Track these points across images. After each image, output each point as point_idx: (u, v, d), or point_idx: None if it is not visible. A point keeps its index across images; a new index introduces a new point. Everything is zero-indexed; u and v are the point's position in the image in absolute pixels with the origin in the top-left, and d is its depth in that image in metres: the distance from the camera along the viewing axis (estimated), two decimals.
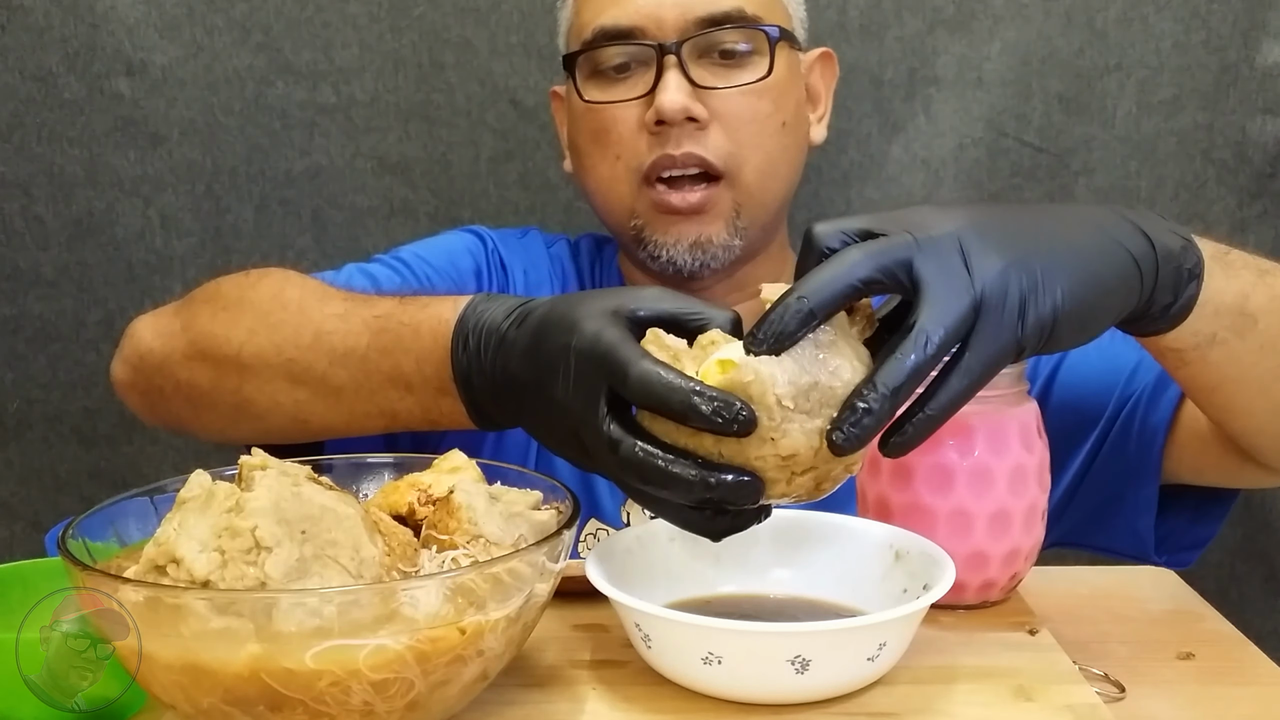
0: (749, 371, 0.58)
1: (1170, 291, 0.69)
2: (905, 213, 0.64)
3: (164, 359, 0.89)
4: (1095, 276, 0.64)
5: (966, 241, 0.61)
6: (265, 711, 0.54)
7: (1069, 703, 0.62)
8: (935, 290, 0.59)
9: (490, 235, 1.13)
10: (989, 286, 0.60)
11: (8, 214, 1.36)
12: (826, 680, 0.61)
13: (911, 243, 0.61)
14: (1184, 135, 1.32)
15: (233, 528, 0.55)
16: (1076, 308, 0.63)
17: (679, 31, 0.98)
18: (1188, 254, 0.69)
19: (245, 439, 0.88)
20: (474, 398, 0.74)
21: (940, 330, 0.58)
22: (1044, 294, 0.61)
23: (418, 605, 0.54)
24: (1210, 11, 1.30)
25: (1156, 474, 0.93)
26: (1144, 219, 0.68)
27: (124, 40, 1.33)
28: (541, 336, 0.67)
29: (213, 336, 0.85)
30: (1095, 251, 0.65)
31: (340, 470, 0.71)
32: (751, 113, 1.00)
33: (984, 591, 0.75)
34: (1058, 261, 0.62)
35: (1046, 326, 0.62)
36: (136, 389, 0.93)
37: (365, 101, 1.35)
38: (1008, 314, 0.60)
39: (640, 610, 0.62)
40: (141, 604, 0.53)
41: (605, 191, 1.04)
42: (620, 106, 1.00)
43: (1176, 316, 0.71)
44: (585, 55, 1.02)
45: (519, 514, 0.64)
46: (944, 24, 1.32)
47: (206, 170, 1.36)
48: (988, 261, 0.60)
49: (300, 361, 0.81)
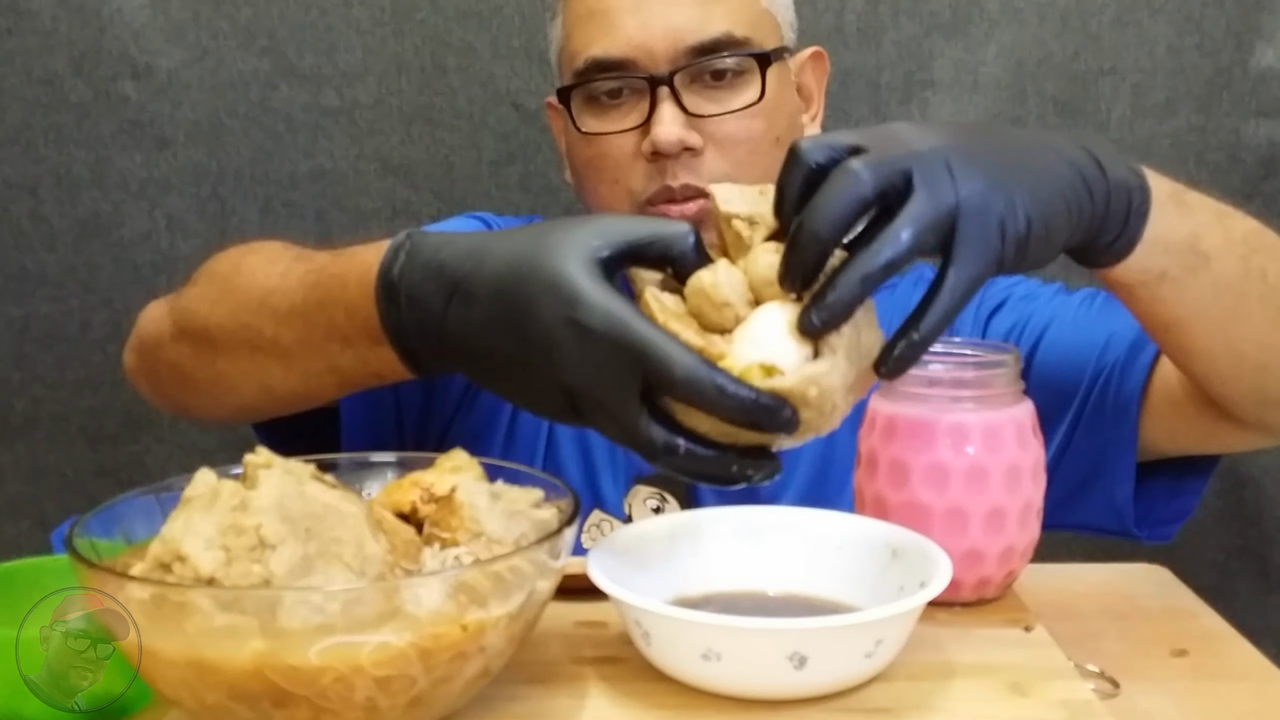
0: (809, 385, 0.58)
1: (1118, 223, 0.71)
2: (886, 129, 0.65)
3: (156, 341, 0.90)
4: (1059, 197, 0.66)
5: (952, 158, 0.62)
6: (269, 708, 0.54)
7: (1064, 699, 0.63)
8: (922, 193, 0.61)
9: (495, 221, 1.14)
10: (971, 199, 0.61)
11: (15, 215, 1.37)
12: (824, 676, 0.62)
13: (907, 154, 0.62)
14: (1178, 138, 1.33)
15: (238, 525, 0.55)
16: (1043, 228, 0.65)
17: (670, 62, 0.98)
18: (1138, 187, 0.71)
19: (230, 416, 0.90)
20: (408, 347, 0.70)
21: (916, 224, 0.60)
22: (1019, 212, 0.63)
23: (420, 602, 0.54)
24: (1204, 15, 1.30)
25: (1133, 443, 0.94)
26: (1100, 149, 0.70)
27: (130, 44, 1.33)
28: (520, 304, 0.62)
29: (189, 314, 0.87)
30: (1056, 175, 0.67)
31: (344, 469, 0.72)
32: (746, 134, 1.00)
33: (980, 589, 0.76)
34: (1028, 182, 0.64)
35: (1022, 242, 0.64)
36: (141, 373, 0.95)
37: (368, 105, 1.36)
38: (989, 228, 0.62)
39: (640, 607, 0.63)
40: (147, 601, 0.53)
41: (605, 211, 1.04)
42: (616, 136, 1.00)
43: (1122, 251, 0.72)
44: (579, 86, 1.02)
45: (520, 512, 0.65)
46: (940, 28, 1.33)
47: (212, 172, 1.37)
48: (971, 178, 0.62)
49: (253, 326, 0.81)
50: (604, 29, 1.00)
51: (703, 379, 0.57)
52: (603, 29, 1.00)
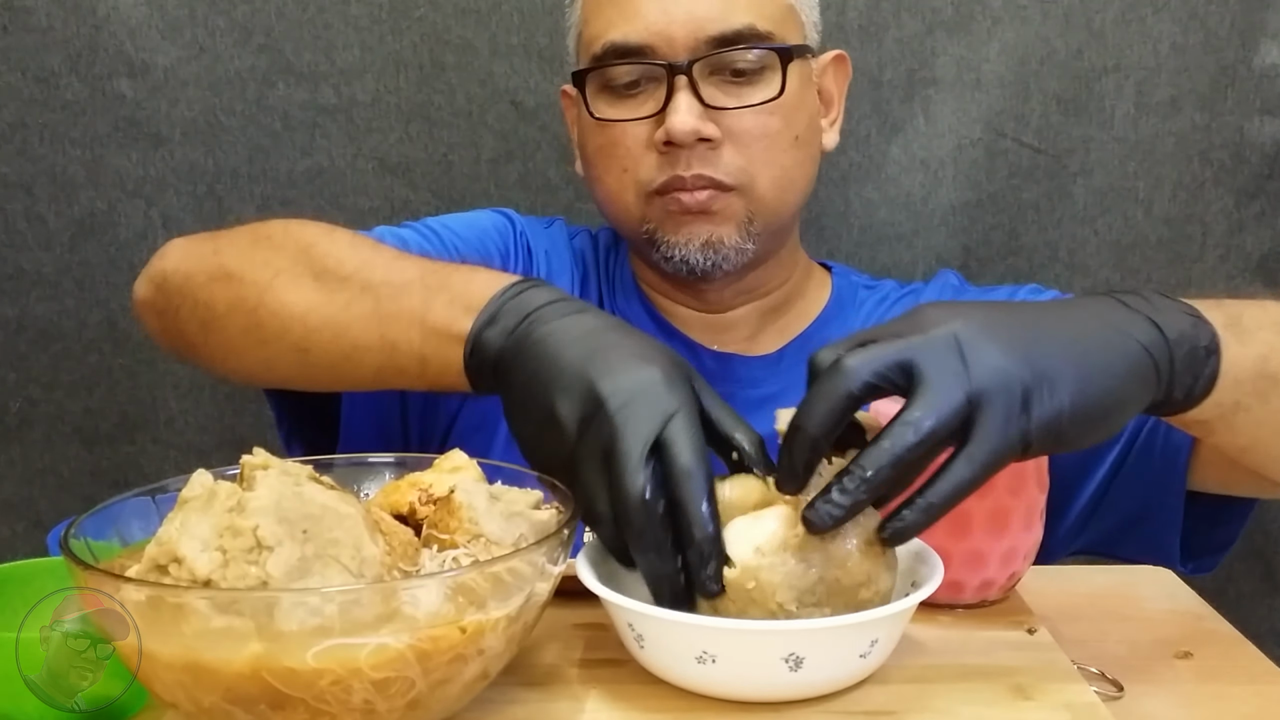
0: (749, 578, 0.61)
1: (1189, 374, 0.67)
2: (904, 316, 0.64)
3: (187, 278, 0.89)
4: (1105, 370, 0.63)
5: (964, 338, 0.61)
6: (267, 710, 0.54)
7: (1067, 701, 0.63)
8: (928, 384, 0.60)
9: (519, 219, 1.13)
10: (986, 380, 0.60)
11: (10, 214, 1.36)
12: (820, 677, 0.62)
13: (905, 344, 0.61)
14: (1182, 136, 1.33)
15: (234, 527, 0.55)
16: (1087, 404, 0.62)
17: (690, 51, 0.96)
18: (1200, 331, 0.68)
19: (244, 372, 0.89)
20: (478, 363, 0.74)
21: (928, 420, 0.59)
22: (1049, 391, 0.61)
23: (419, 604, 0.54)
24: (1208, 13, 1.30)
25: (1181, 490, 0.91)
26: (1150, 304, 0.67)
27: (126, 41, 1.33)
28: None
29: (249, 260, 0.86)
30: (1102, 345, 0.64)
31: (341, 470, 0.72)
32: (763, 130, 0.98)
33: (982, 591, 0.76)
34: (1063, 357, 0.62)
35: (1054, 422, 0.61)
36: (154, 307, 0.93)
37: (366, 102, 1.35)
38: (1008, 408, 0.60)
39: (633, 610, 0.63)
40: (143, 603, 0.53)
41: (614, 201, 1.03)
42: (630, 124, 0.99)
43: (1199, 396, 0.69)
44: (595, 71, 1.00)
45: (519, 513, 0.64)
46: (943, 25, 1.32)
47: (208, 171, 1.36)
48: (985, 357, 0.60)
49: (334, 257, 0.83)
50: (624, 14, 0.98)
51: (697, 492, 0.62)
52: (623, 13, 0.98)
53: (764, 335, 1.09)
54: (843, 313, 1.11)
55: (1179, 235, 1.35)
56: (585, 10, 1.03)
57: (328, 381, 0.87)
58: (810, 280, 1.12)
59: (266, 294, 0.83)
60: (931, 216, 1.35)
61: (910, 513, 0.61)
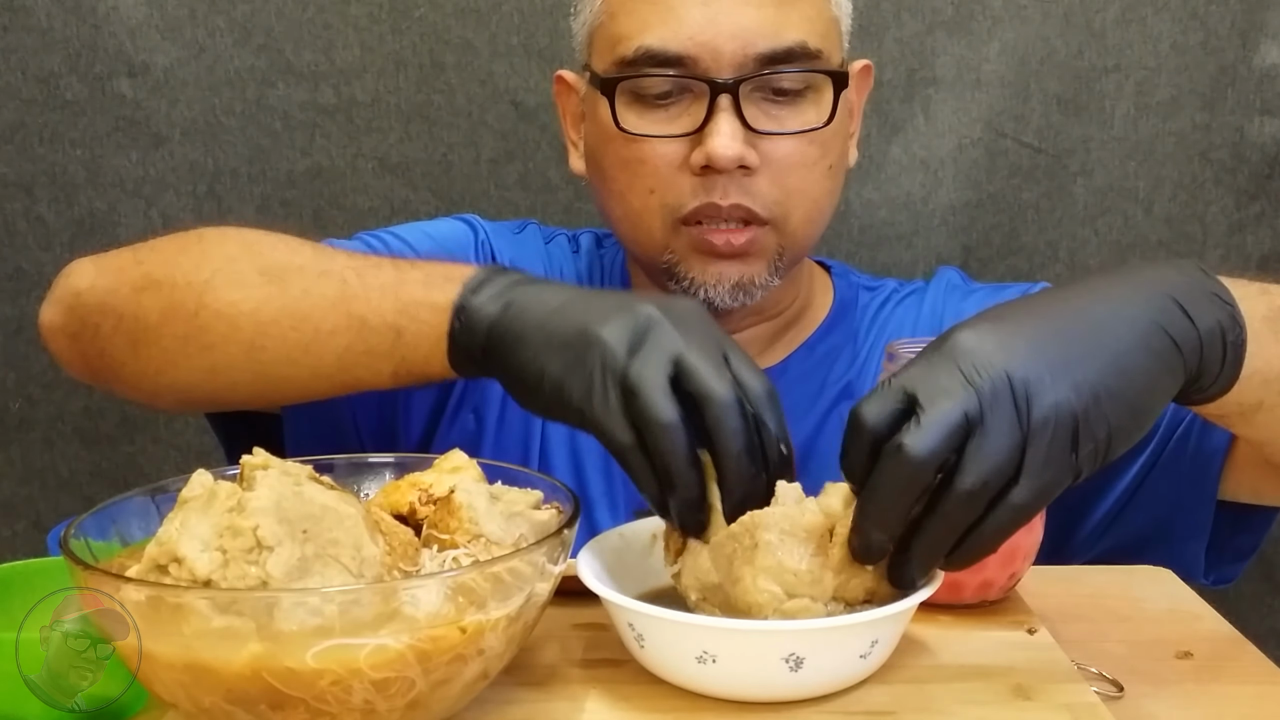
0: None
1: (1215, 368, 0.65)
2: (943, 353, 0.60)
3: (108, 293, 0.83)
4: (1142, 376, 0.61)
5: (1017, 381, 0.58)
6: (267, 710, 0.54)
7: (1067, 702, 0.62)
8: (984, 437, 0.58)
9: (483, 226, 1.07)
10: (1038, 425, 0.58)
11: (10, 215, 1.36)
12: (820, 677, 0.62)
13: (961, 403, 0.58)
14: (1182, 136, 1.33)
15: (234, 527, 0.55)
16: (1125, 421, 0.61)
17: (736, 68, 0.88)
18: (1230, 328, 0.65)
19: (181, 385, 0.83)
20: (468, 327, 0.72)
21: (980, 480, 0.58)
22: (1096, 421, 0.60)
23: (419, 604, 0.54)
24: (1208, 13, 1.30)
25: (1212, 499, 0.89)
26: (1189, 293, 0.64)
27: (126, 41, 1.33)
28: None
29: (176, 266, 0.81)
30: (1141, 351, 0.62)
31: (341, 470, 0.72)
32: (800, 158, 0.91)
33: (982, 591, 0.76)
34: (1106, 382, 0.60)
35: (1101, 451, 0.60)
36: (66, 331, 0.86)
37: (366, 102, 1.35)
38: (1057, 446, 0.59)
39: (633, 609, 0.62)
40: (143, 603, 0.53)
41: (634, 222, 0.95)
42: (660, 141, 0.90)
43: (1218, 392, 0.67)
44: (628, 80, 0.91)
45: (520, 513, 0.64)
46: (943, 25, 1.32)
47: (208, 171, 1.36)
48: (1041, 399, 0.58)
49: (280, 251, 0.81)
50: (663, 16, 0.89)
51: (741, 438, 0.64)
52: (661, 16, 0.89)
53: (771, 348, 1.04)
54: (846, 317, 1.06)
55: (1179, 235, 1.35)
56: (611, 2, 0.93)
57: (277, 383, 0.81)
58: (814, 287, 1.07)
59: (206, 295, 0.78)
60: (931, 216, 1.35)
61: (965, 546, 0.61)
